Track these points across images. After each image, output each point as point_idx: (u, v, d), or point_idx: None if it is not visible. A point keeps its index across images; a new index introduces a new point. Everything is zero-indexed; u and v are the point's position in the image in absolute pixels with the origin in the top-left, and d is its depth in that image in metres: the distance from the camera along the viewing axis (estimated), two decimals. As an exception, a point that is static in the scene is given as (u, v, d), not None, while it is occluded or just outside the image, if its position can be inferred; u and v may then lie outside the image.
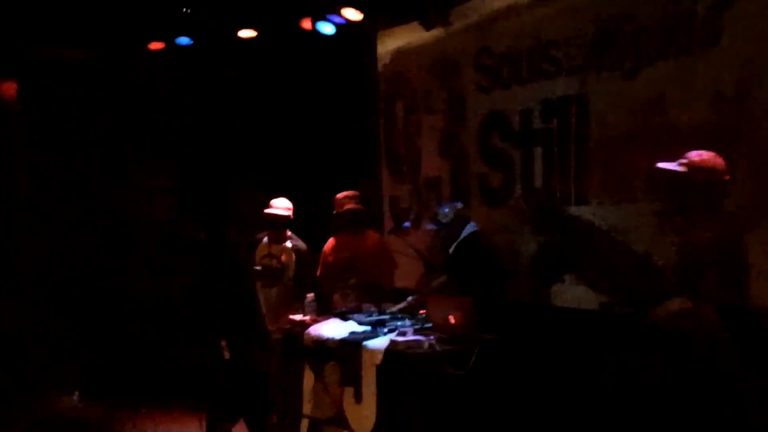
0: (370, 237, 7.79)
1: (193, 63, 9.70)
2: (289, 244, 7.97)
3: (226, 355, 6.39)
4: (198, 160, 10.27)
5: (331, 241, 7.95)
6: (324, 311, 7.28)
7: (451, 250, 6.91)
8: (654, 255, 6.14)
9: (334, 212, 7.74)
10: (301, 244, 8.04)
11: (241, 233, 7.88)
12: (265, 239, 8.00)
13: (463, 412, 6.13)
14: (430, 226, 7.02)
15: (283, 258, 7.88)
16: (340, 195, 7.78)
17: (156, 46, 9.17)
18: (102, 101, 9.85)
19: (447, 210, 6.91)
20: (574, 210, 6.85)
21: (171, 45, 9.04)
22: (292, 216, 8.02)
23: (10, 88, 9.59)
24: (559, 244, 7.07)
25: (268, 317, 7.68)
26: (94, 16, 8.78)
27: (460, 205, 7.08)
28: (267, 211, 7.98)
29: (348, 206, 7.71)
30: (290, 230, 8.07)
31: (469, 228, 6.92)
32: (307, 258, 8.02)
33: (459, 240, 6.88)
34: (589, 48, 6.65)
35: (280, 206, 8.04)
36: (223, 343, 6.55)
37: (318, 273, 7.91)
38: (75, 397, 7.08)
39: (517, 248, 7.42)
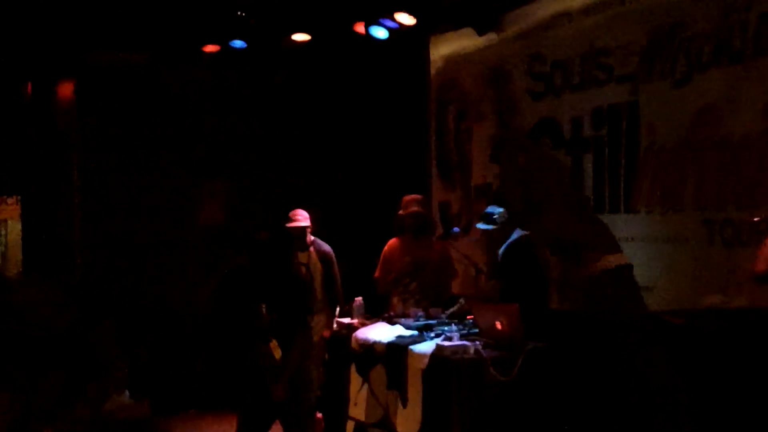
0: (434, 243, 7.76)
1: (247, 66, 9.78)
2: (312, 249, 8.17)
3: (277, 354, 6.40)
4: (250, 163, 10.35)
5: (393, 242, 7.89)
6: (377, 312, 7.26)
7: (500, 253, 6.90)
8: (702, 264, 6.11)
9: (400, 213, 7.75)
10: (326, 247, 8.24)
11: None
12: None
13: (508, 418, 6.13)
14: (480, 226, 6.97)
15: (310, 265, 8.04)
16: (408, 197, 7.78)
17: (210, 49, 9.25)
18: (156, 104, 9.94)
19: (501, 210, 6.89)
20: (623, 218, 6.82)
21: (225, 48, 9.12)
22: (310, 225, 8.20)
23: (67, 90, 9.74)
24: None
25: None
26: (150, 19, 8.89)
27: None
28: (290, 225, 8.09)
29: (412, 209, 7.71)
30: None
31: (517, 233, 6.91)
32: (332, 261, 8.23)
33: (507, 244, 6.88)
34: (641, 56, 6.62)
35: (301, 218, 8.17)
36: (274, 343, 6.56)
37: (376, 273, 7.89)
38: (126, 395, 7.18)
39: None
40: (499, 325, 6.29)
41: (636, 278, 6.67)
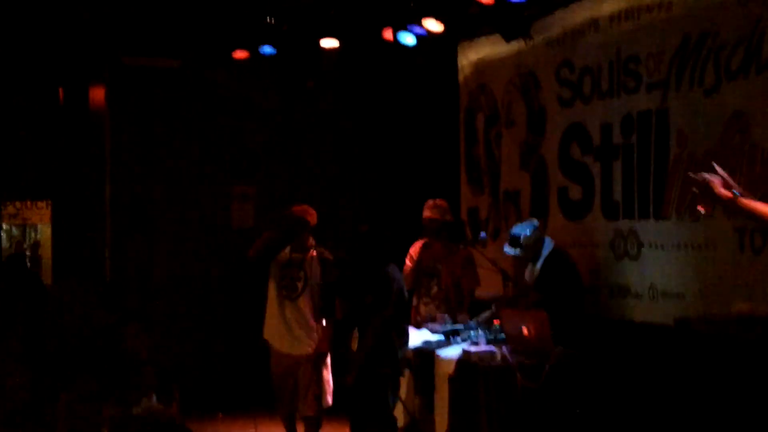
0: (459, 249, 7.74)
1: (276, 72, 9.83)
2: (314, 253, 7.47)
3: (354, 345, 6.45)
4: (280, 168, 10.40)
5: (419, 243, 7.91)
6: None
7: (535, 272, 6.90)
8: (732, 271, 6.09)
9: (424, 216, 7.76)
10: (327, 254, 7.59)
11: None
12: (287, 248, 7.53)
13: (536, 425, 6.14)
14: (508, 251, 6.96)
15: (306, 267, 7.42)
16: (428, 201, 7.77)
17: (240, 55, 9.31)
18: (187, 108, 10.02)
19: (529, 233, 6.87)
20: (652, 224, 6.82)
21: (255, 54, 9.17)
22: (313, 222, 7.53)
23: (99, 95, 9.82)
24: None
25: (297, 328, 7.36)
26: (181, 25, 8.96)
27: (536, 223, 7.06)
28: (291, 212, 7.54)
29: (425, 214, 7.71)
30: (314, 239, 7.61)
31: (549, 245, 6.90)
32: (333, 267, 7.55)
33: (543, 258, 6.87)
34: (671, 63, 6.62)
35: (305, 211, 7.56)
36: (355, 334, 6.60)
37: (405, 270, 7.84)
38: (154, 399, 7.21)
39: (594, 262, 7.40)
40: (526, 331, 6.30)
41: (666, 285, 6.68)
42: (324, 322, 7.37)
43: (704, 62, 6.31)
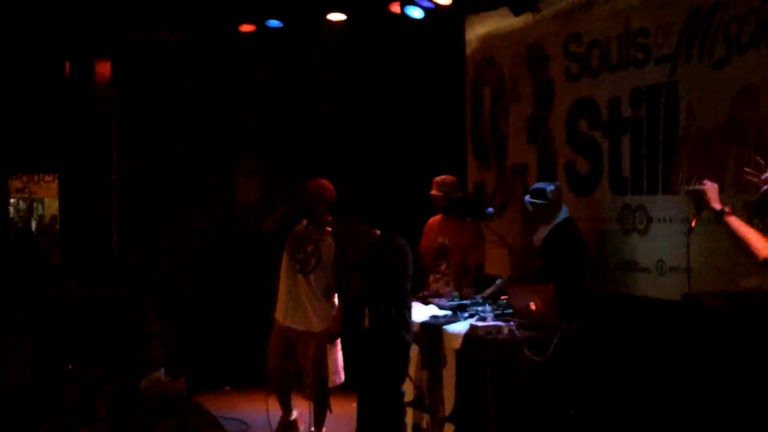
0: (466, 225, 7.73)
1: (282, 46, 9.79)
2: (329, 228, 7.47)
3: (366, 323, 6.46)
4: (285, 142, 10.36)
5: (435, 219, 7.92)
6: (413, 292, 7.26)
7: (544, 235, 6.89)
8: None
9: (431, 193, 7.75)
10: (344, 230, 7.55)
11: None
12: (304, 222, 7.52)
13: (542, 398, 6.15)
14: (534, 200, 6.94)
15: (321, 243, 7.41)
16: (435, 178, 7.78)
17: (246, 28, 9.27)
18: (193, 83, 9.98)
19: (553, 188, 6.89)
20: (661, 198, 6.79)
21: (261, 28, 9.13)
22: (331, 198, 7.47)
23: (105, 69, 9.79)
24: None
25: (307, 304, 7.37)
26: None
27: (559, 184, 7.07)
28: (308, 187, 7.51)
29: (432, 192, 7.71)
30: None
31: (565, 212, 6.91)
32: (347, 244, 7.55)
33: (556, 223, 6.87)
34: (679, 36, 6.56)
35: (322, 186, 7.49)
36: (367, 311, 6.59)
37: (420, 248, 7.84)
38: (162, 372, 7.24)
39: (602, 237, 7.39)
40: (533, 306, 6.30)
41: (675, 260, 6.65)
42: (336, 302, 7.38)
43: (714, 35, 6.26)
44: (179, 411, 7.21)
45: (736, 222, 4.62)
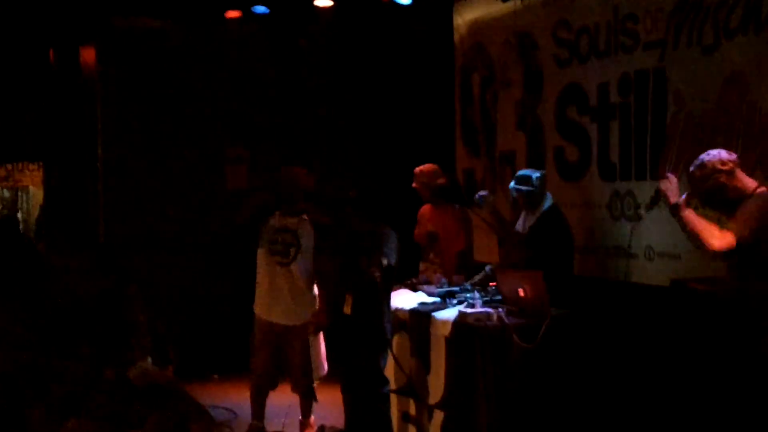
0: (453, 212, 7.72)
1: (269, 32, 9.74)
2: (306, 217, 7.27)
3: (347, 310, 6.38)
4: (273, 128, 10.32)
5: (426, 207, 7.91)
6: (402, 278, 7.23)
7: (531, 223, 6.87)
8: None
9: (413, 185, 7.75)
10: (323, 217, 7.38)
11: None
12: (277, 213, 7.33)
13: (532, 385, 6.14)
14: (519, 186, 6.92)
15: (299, 232, 7.21)
16: (417, 170, 7.76)
17: (233, 14, 9.23)
18: (179, 69, 9.93)
19: (539, 175, 6.86)
20: (649, 184, 6.78)
21: (248, 14, 9.09)
22: (307, 184, 7.36)
23: (90, 56, 9.74)
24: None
25: (289, 297, 7.21)
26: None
27: (544, 172, 7.06)
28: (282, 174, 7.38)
29: (413, 184, 7.73)
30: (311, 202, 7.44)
31: (549, 199, 6.89)
32: (327, 231, 7.34)
33: (542, 212, 6.85)
34: (668, 21, 6.55)
35: (296, 174, 7.35)
36: (348, 298, 6.53)
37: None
38: (149, 362, 7.20)
39: (590, 223, 7.38)
40: (522, 292, 6.28)
41: (663, 246, 6.65)
42: (317, 292, 7.29)
43: (703, 20, 6.25)
44: (167, 400, 7.18)
45: (689, 215, 5.01)
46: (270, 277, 7.26)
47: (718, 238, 4.94)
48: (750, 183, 5.14)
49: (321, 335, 7.29)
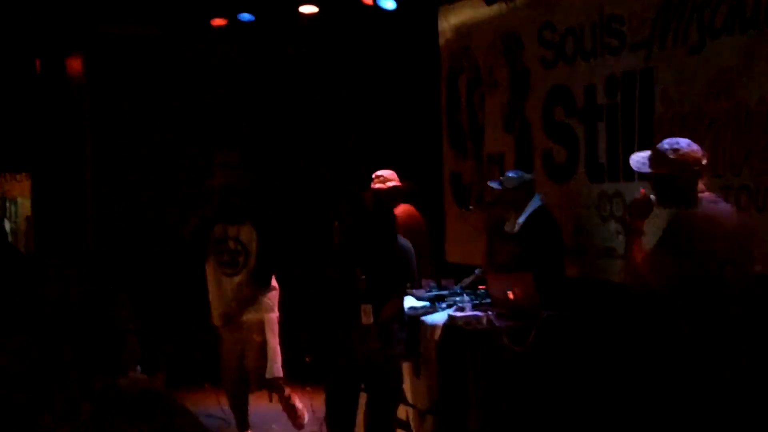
0: (403, 213, 7.68)
1: (255, 39, 9.74)
2: (248, 221, 7.23)
3: (365, 320, 6.26)
4: (261, 135, 10.31)
5: (397, 210, 7.78)
6: None
7: (520, 222, 6.86)
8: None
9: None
10: (266, 222, 7.33)
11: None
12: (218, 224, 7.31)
13: (523, 388, 6.13)
14: (492, 184, 6.93)
15: (241, 236, 7.20)
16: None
17: (218, 22, 9.23)
18: (165, 77, 9.92)
19: (514, 176, 6.85)
20: (637, 185, 6.77)
21: (234, 21, 9.09)
22: (237, 184, 7.28)
23: (77, 64, 9.71)
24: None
25: (242, 304, 7.24)
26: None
27: (529, 176, 7.04)
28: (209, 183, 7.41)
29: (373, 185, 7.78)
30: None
31: (537, 201, 6.88)
32: (271, 235, 7.29)
33: (528, 213, 6.84)
34: (654, 22, 6.54)
35: (225, 176, 7.29)
36: (366, 308, 6.38)
37: None
38: (138, 370, 7.19)
39: (580, 224, 7.37)
40: (511, 295, 6.27)
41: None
42: (276, 287, 7.30)
43: (688, 20, 6.24)
44: (157, 408, 7.17)
45: (631, 241, 5.00)
46: (219, 288, 7.30)
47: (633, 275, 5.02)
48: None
49: (276, 334, 7.29)
